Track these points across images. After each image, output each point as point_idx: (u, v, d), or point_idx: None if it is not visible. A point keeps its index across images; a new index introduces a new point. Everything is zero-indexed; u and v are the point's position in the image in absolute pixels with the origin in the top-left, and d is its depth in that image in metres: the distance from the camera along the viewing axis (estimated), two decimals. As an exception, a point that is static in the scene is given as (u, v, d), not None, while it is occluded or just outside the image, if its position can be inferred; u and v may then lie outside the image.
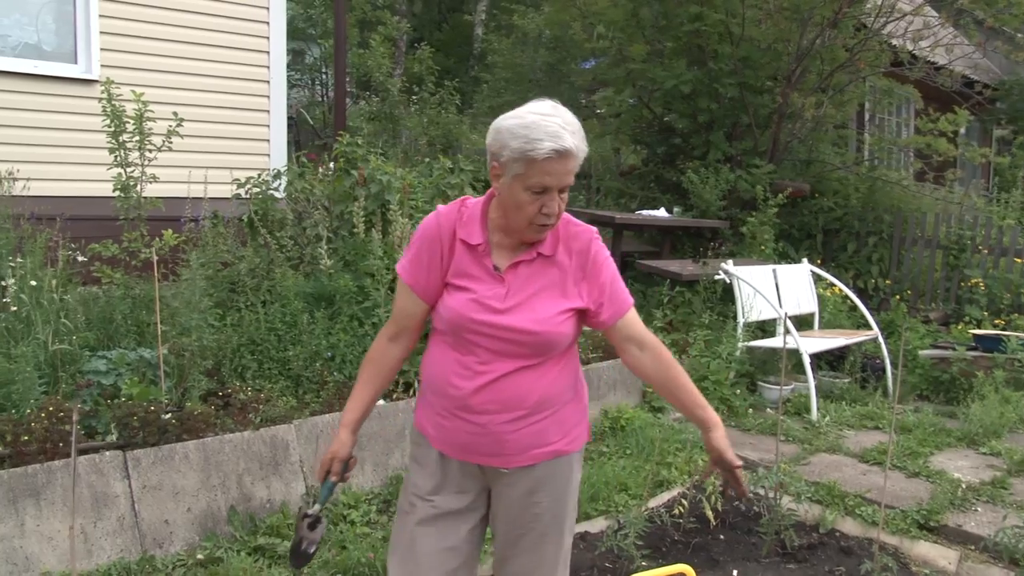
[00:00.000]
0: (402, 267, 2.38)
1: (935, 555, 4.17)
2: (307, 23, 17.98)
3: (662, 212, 9.35)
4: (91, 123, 5.17)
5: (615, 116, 11.41)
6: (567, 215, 2.37)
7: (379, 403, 3.84)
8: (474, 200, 2.37)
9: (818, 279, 8.02)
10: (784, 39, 9.65)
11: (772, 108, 9.81)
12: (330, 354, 4.92)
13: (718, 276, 7.35)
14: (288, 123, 8.15)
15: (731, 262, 7.32)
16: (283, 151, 7.54)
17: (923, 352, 7.33)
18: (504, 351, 2.25)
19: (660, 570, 2.55)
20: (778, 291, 7.34)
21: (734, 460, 2.43)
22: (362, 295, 5.24)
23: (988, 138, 16.21)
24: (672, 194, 10.02)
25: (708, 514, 4.29)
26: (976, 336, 7.28)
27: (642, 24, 10.17)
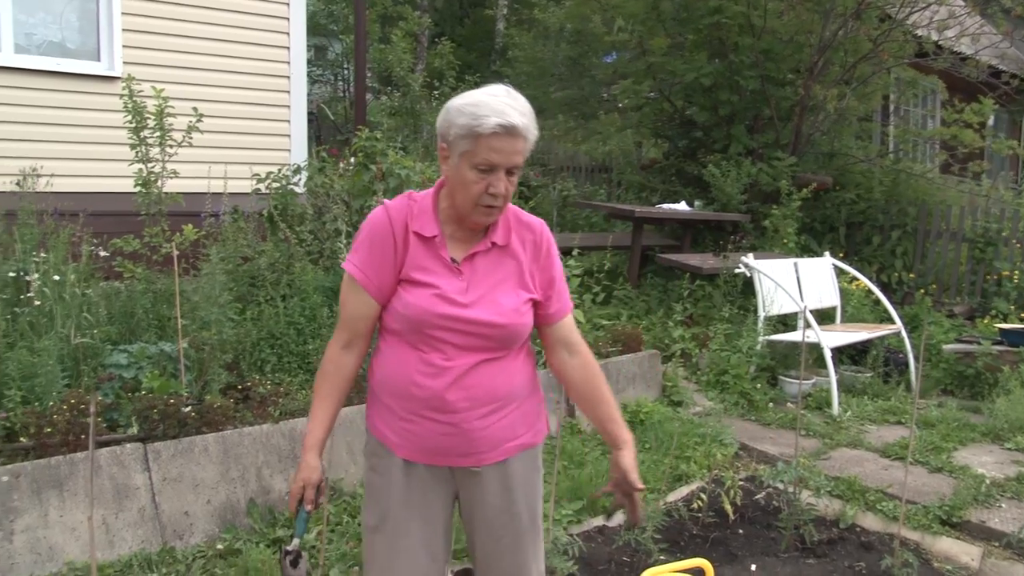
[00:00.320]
0: (352, 266, 2.26)
1: (957, 551, 4.13)
2: (328, 19, 18.06)
3: (683, 206, 9.32)
4: (113, 119, 5.21)
5: (636, 109, 11.37)
6: (516, 208, 2.35)
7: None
8: (421, 193, 2.31)
9: (841, 273, 7.96)
10: (806, 31, 9.56)
11: (794, 100, 9.74)
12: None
13: (739, 270, 7.32)
14: (309, 118, 8.20)
15: (752, 256, 7.28)
16: (303, 146, 7.58)
17: (947, 346, 7.26)
18: (468, 345, 2.20)
19: (678, 564, 2.55)
20: (799, 285, 7.29)
21: (636, 483, 2.32)
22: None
23: (1017, 129, 16.00)
24: (693, 187, 9.98)
25: (727, 508, 4.28)
26: (1002, 330, 7.19)
27: (662, 17, 10.12)
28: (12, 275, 4.31)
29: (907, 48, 9.68)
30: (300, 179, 6.36)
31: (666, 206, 9.39)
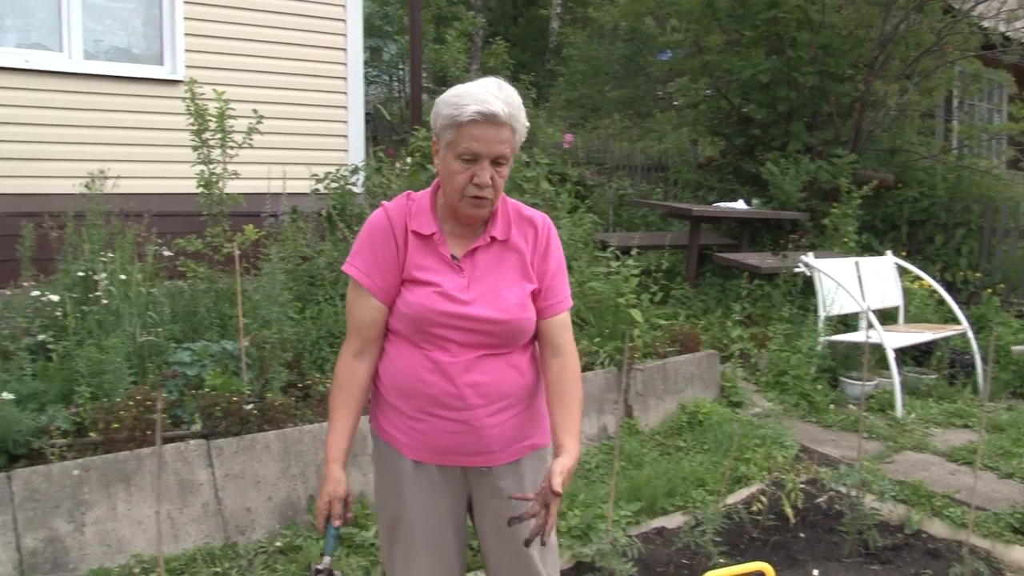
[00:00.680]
0: (354, 270, 2.25)
1: (1030, 559, 4.02)
2: (383, 20, 18.17)
3: (740, 204, 9.22)
4: (176, 122, 5.31)
5: (692, 107, 11.27)
6: (518, 203, 2.34)
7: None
8: (420, 193, 2.30)
9: (903, 272, 7.80)
10: (866, 25, 9.38)
11: (854, 96, 9.56)
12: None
13: (798, 269, 7.21)
14: (365, 119, 8.25)
15: (812, 255, 7.17)
16: (360, 146, 7.65)
17: (1016, 348, 7.07)
18: (472, 342, 2.19)
19: (738, 567, 2.51)
20: (861, 284, 7.17)
21: (556, 485, 2.07)
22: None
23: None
24: (751, 186, 9.86)
25: (787, 512, 4.22)
26: (1074, 331, 6.99)
27: (718, 14, 10.01)
28: (81, 275, 4.42)
29: (972, 40, 9.44)
30: (358, 179, 6.42)
31: (724, 204, 9.30)
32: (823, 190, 9.11)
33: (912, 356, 7.35)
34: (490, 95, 2.11)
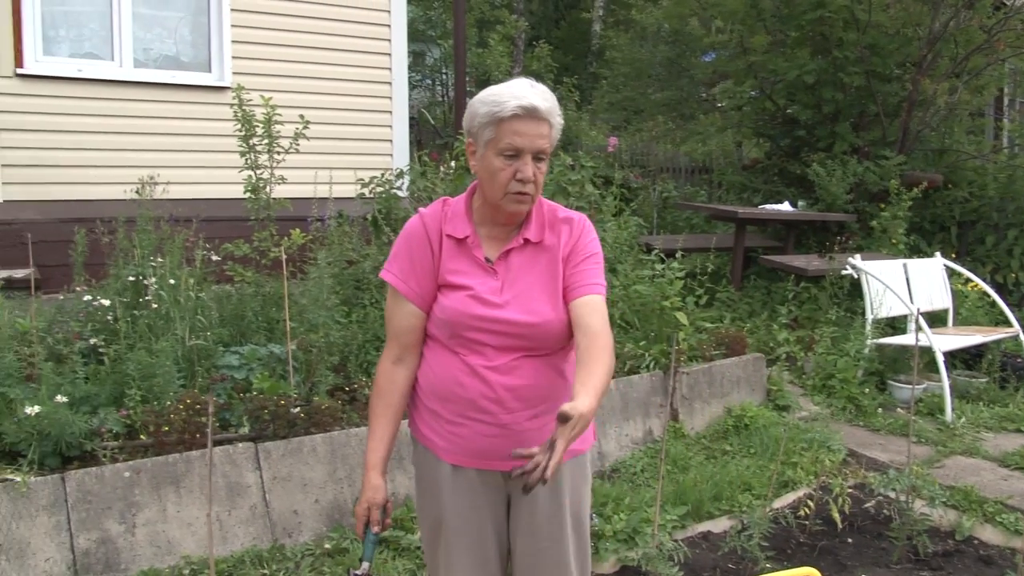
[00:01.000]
0: (391, 276, 2.26)
1: (1085, 566, 3.93)
2: (427, 25, 18.26)
3: (786, 206, 9.12)
4: (223, 128, 5.40)
5: (736, 109, 11.19)
6: (555, 204, 2.32)
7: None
8: (455, 198, 2.31)
9: (952, 274, 7.66)
10: (914, 23, 9.24)
11: (901, 96, 9.42)
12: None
13: (845, 271, 7.12)
14: (409, 123, 8.31)
15: (859, 257, 7.07)
16: (405, 151, 7.70)
17: (1070, 350, 6.92)
18: (507, 345, 2.18)
19: (785, 572, 2.49)
20: (909, 286, 7.06)
21: (580, 410, 1.85)
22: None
23: None
24: (796, 187, 9.76)
25: (835, 516, 4.17)
26: None
27: (762, 14, 9.93)
28: (132, 279, 4.49)
29: (1024, 38, 9.27)
30: (403, 183, 6.46)
31: (769, 207, 9.20)
32: (870, 192, 8.99)
33: (962, 359, 7.22)
34: (527, 90, 2.13)
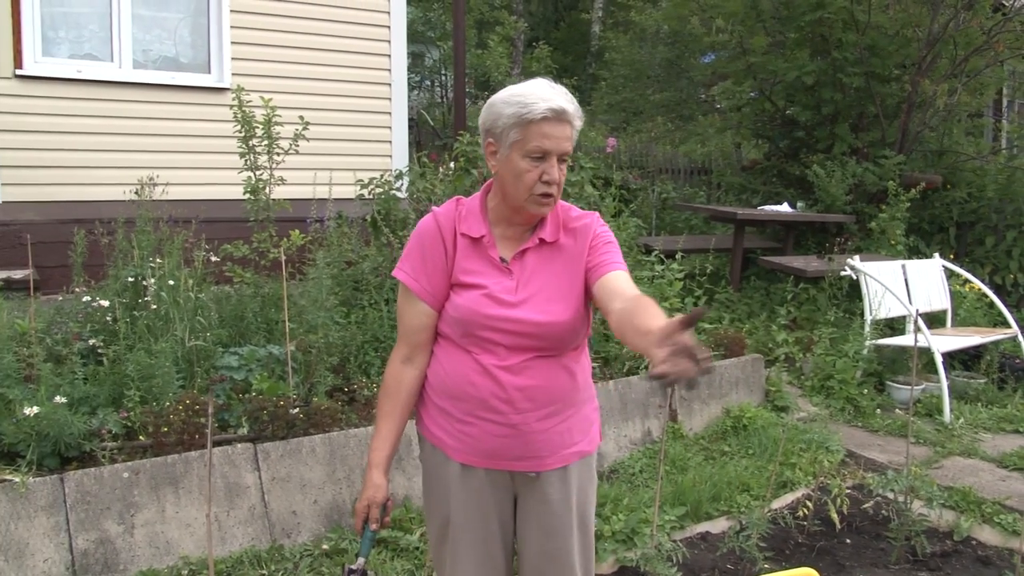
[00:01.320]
0: (403, 275, 2.26)
1: (1083, 567, 3.94)
2: (426, 26, 18.29)
3: (785, 207, 9.12)
4: (223, 129, 5.40)
5: (736, 110, 11.19)
6: (568, 204, 2.32)
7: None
8: (469, 197, 2.31)
9: (951, 275, 7.67)
10: (913, 24, 9.24)
11: (901, 97, 9.42)
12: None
13: (844, 272, 7.13)
14: (409, 124, 8.31)
15: (858, 258, 7.08)
16: (404, 152, 7.71)
17: (1069, 351, 6.92)
18: (520, 345, 2.17)
19: (784, 573, 2.49)
20: (908, 287, 7.07)
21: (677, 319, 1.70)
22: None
23: None
24: (795, 188, 9.76)
25: (833, 517, 4.17)
26: None
27: (762, 15, 9.93)
28: (131, 280, 4.50)
29: (1024, 39, 9.28)
30: (402, 184, 6.46)
31: (768, 208, 9.20)
32: (869, 192, 8.99)
33: (960, 360, 7.23)
34: (552, 92, 2.12)
